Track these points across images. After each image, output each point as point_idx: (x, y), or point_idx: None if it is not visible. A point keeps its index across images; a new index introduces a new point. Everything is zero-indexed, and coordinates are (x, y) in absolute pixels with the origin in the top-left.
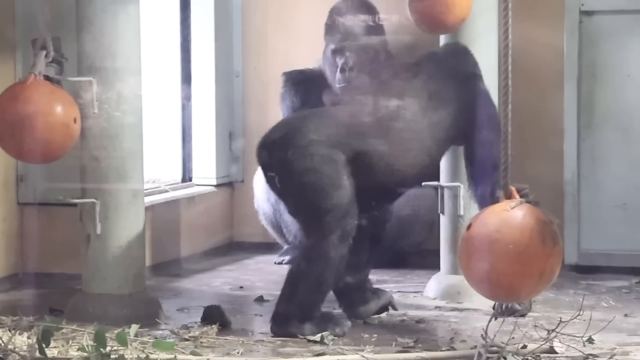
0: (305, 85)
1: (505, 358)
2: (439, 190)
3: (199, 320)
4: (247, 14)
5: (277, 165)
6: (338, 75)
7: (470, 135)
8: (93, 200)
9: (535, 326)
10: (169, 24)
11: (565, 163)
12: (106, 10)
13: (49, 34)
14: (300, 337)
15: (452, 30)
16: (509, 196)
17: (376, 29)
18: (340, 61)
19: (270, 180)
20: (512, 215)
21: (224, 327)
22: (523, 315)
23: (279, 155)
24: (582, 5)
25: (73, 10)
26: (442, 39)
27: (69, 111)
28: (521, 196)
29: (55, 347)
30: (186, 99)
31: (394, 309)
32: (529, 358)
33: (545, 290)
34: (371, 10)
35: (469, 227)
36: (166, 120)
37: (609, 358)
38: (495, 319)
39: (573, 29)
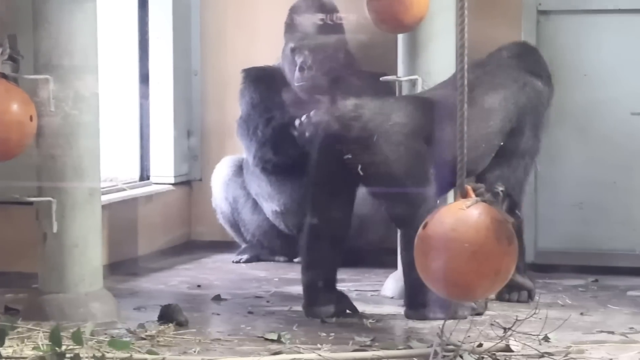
0: (264, 82)
1: (461, 356)
2: None
3: (156, 319)
4: (206, 12)
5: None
6: (297, 74)
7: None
8: (49, 198)
9: (492, 324)
10: (126, 22)
11: None
12: (63, 8)
13: (4, 31)
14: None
15: (410, 30)
16: (464, 195)
17: (335, 28)
18: (299, 60)
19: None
20: (467, 214)
21: (181, 326)
22: (480, 314)
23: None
24: (540, 4)
25: (29, 8)
26: (400, 38)
27: (25, 109)
28: (477, 195)
29: (10, 346)
30: (144, 97)
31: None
32: (485, 356)
33: (500, 288)
34: (330, 9)
35: (425, 226)
36: (124, 119)
37: (565, 356)
38: (452, 318)
39: (530, 29)
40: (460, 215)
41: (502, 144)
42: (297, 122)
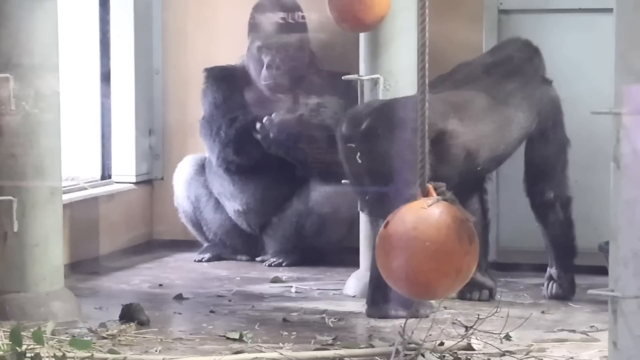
0: (227, 82)
1: (423, 355)
2: None
3: (118, 318)
4: (167, 11)
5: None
6: (264, 72)
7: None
8: (10, 197)
9: (453, 323)
10: (87, 20)
11: None
12: (23, 7)
13: None
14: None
15: (372, 29)
16: (426, 194)
17: (299, 26)
18: (266, 58)
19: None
20: (429, 212)
21: (143, 325)
22: (427, 316)
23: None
24: (501, 4)
25: None
26: (362, 37)
27: None
28: (438, 194)
29: None
30: (105, 96)
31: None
32: (447, 355)
33: (462, 287)
34: (293, 8)
35: (386, 224)
36: (85, 118)
37: (526, 355)
38: (413, 316)
39: (492, 28)
40: (422, 213)
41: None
42: (258, 125)
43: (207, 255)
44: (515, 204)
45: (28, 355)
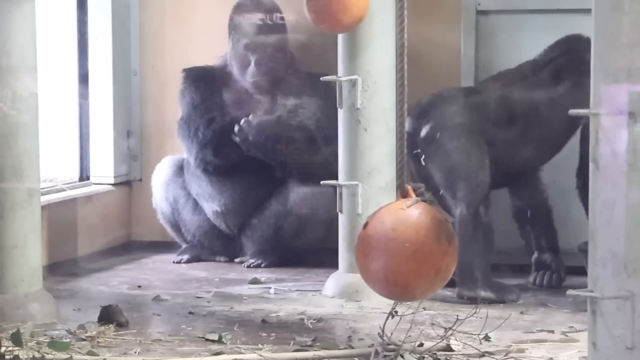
0: (205, 82)
1: (402, 356)
2: (337, 188)
3: (96, 319)
4: (145, 12)
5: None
6: (252, 69)
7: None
8: None
9: (433, 324)
10: (65, 21)
11: None
12: (0, 8)
13: None
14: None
15: (350, 30)
16: (404, 195)
17: (280, 27)
18: (254, 56)
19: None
20: (407, 213)
21: (121, 326)
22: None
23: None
24: (479, 4)
25: None
26: (340, 38)
27: None
28: (417, 195)
29: None
30: (83, 97)
31: None
32: (426, 356)
33: (441, 288)
34: (274, 9)
35: (365, 225)
36: (63, 119)
37: (505, 355)
38: (392, 317)
39: (470, 29)
40: (400, 214)
41: None
42: (236, 127)
43: (185, 257)
44: (494, 204)
45: (7, 357)
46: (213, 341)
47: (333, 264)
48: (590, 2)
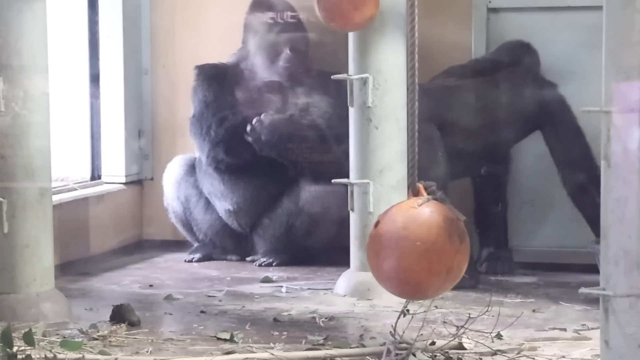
0: (218, 80)
1: (414, 354)
2: (348, 187)
3: (108, 319)
4: (155, 11)
5: None
6: (288, 53)
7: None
8: (0, 198)
9: (444, 322)
10: (76, 21)
11: None
12: (11, 7)
13: None
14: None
15: (361, 28)
16: (416, 193)
17: (300, 24)
18: (288, 44)
19: None
20: (419, 212)
21: (133, 326)
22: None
23: None
24: (490, 2)
25: None
26: (350, 37)
27: None
28: (429, 193)
29: None
30: (94, 96)
31: None
32: (438, 354)
33: (452, 287)
34: (288, 7)
35: (377, 224)
36: (74, 118)
37: (517, 353)
38: (404, 315)
39: (480, 26)
40: (412, 213)
41: None
42: (248, 127)
43: (197, 256)
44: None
45: (19, 356)
46: (225, 340)
47: (344, 263)
48: (601, 0)
